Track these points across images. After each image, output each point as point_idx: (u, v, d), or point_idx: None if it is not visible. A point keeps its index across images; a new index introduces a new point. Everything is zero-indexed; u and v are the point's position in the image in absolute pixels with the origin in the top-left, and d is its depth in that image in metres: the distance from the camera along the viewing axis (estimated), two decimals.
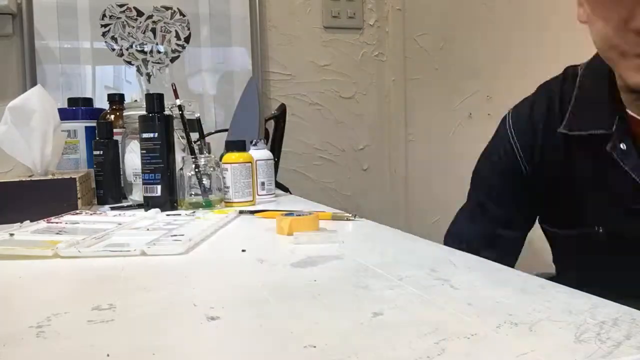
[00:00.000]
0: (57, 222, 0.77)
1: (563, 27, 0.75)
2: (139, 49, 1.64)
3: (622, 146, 0.69)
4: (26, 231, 0.71)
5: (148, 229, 0.74)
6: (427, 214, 1.89)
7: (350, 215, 0.80)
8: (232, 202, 0.99)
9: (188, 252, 0.61)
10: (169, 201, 0.95)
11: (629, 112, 0.70)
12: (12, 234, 0.68)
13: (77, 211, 0.88)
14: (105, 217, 0.84)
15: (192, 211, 0.91)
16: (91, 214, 0.86)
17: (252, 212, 0.88)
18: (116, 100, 1.26)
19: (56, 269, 0.56)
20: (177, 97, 1.01)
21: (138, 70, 1.65)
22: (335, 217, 0.80)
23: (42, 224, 0.76)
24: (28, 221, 0.78)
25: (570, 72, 0.79)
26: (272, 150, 1.26)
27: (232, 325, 0.37)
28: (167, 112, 0.97)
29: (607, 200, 0.73)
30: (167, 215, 0.87)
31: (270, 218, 0.80)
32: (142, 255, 0.60)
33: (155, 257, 0.59)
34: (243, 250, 0.61)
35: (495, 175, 0.87)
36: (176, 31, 1.68)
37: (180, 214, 0.87)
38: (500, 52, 1.60)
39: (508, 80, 1.13)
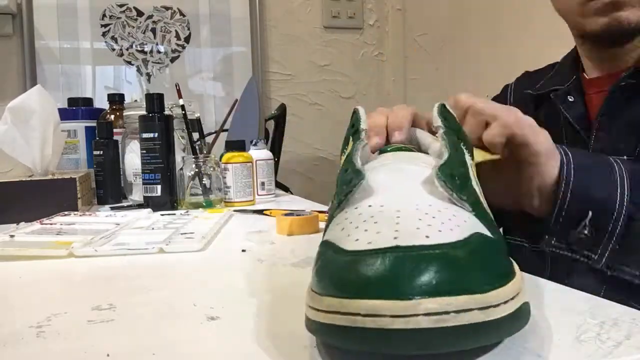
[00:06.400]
0: (50, 224, 0.77)
1: (564, 27, 0.75)
2: (139, 49, 1.64)
3: (570, 98, 0.73)
4: (25, 232, 0.71)
5: (153, 228, 0.74)
6: None
7: None
8: (233, 202, 0.99)
9: (205, 249, 0.62)
10: (169, 201, 0.95)
11: (585, 75, 0.75)
12: (12, 235, 0.68)
13: (66, 213, 0.87)
14: (97, 218, 0.83)
15: (185, 210, 0.91)
16: (80, 215, 0.86)
17: (261, 211, 0.88)
18: (116, 100, 1.26)
19: (56, 269, 0.56)
20: (180, 96, 1.01)
21: (138, 70, 1.65)
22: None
23: (36, 225, 0.76)
24: (23, 222, 0.78)
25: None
26: (272, 150, 1.26)
27: (232, 325, 0.37)
28: (167, 112, 0.97)
29: None
30: (161, 215, 0.86)
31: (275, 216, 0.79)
32: (160, 253, 0.60)
33: (155, 257, 0.59)
34: (243, 250, 0.61)
35: None
36: (176, 31, 1.68)
37: (174, 214, 0.87)
38: (500, 52, 1.60)
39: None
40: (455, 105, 0.55)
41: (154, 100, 0.95)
